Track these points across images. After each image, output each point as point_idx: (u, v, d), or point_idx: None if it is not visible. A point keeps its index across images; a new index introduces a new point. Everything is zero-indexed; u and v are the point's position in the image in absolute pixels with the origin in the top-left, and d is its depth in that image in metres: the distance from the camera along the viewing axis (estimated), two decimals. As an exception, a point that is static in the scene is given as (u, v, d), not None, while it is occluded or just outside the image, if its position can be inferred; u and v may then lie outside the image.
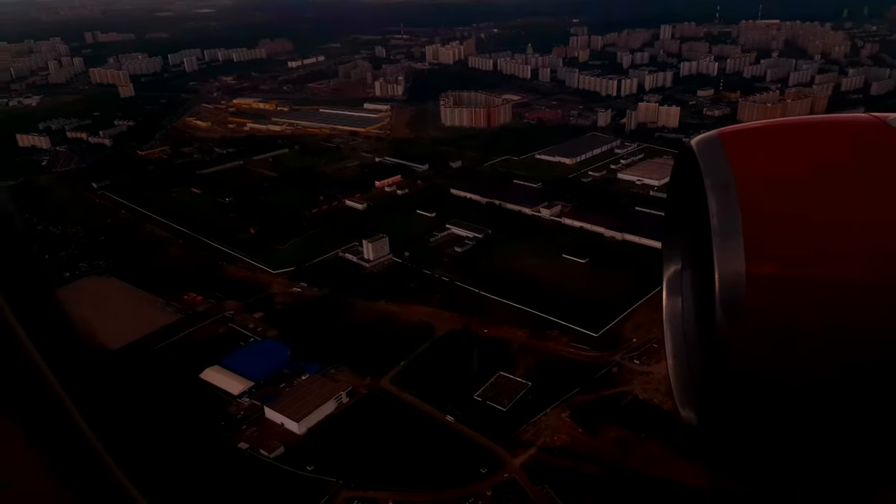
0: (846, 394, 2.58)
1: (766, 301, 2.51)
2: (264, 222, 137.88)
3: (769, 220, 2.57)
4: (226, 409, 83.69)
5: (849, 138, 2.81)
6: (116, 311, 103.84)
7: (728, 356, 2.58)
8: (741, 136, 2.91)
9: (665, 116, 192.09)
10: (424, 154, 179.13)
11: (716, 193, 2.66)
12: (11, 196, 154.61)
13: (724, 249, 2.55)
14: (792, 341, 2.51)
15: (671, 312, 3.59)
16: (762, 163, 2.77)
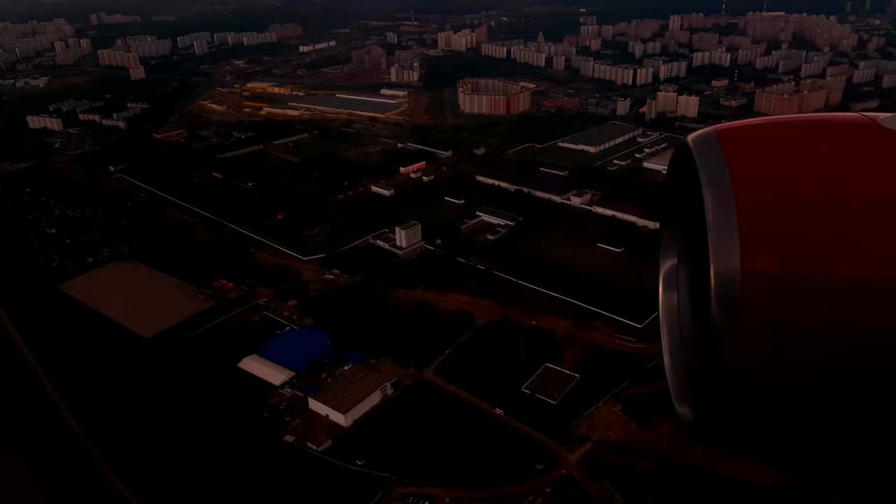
0: (840, 388, 2.57)
1: (761, 297, 2.52)
2: (290, 208, 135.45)
3: (764, 217, 2.61)
4: (268, 400, 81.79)
5: (842, 137, 2.86)
6: (147, 297, 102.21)
7: (723, 351, 2.57)
8: (737, 133, 2.95)
9: (684, 106, 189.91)
10: (446, 140, 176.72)
11: (712, 189, 2.68)
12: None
13: (720, 245, 2.58)
14: (786, 337, 2.52)
15: (667, 308, 3.62)
16: (758, 160, 2.79)
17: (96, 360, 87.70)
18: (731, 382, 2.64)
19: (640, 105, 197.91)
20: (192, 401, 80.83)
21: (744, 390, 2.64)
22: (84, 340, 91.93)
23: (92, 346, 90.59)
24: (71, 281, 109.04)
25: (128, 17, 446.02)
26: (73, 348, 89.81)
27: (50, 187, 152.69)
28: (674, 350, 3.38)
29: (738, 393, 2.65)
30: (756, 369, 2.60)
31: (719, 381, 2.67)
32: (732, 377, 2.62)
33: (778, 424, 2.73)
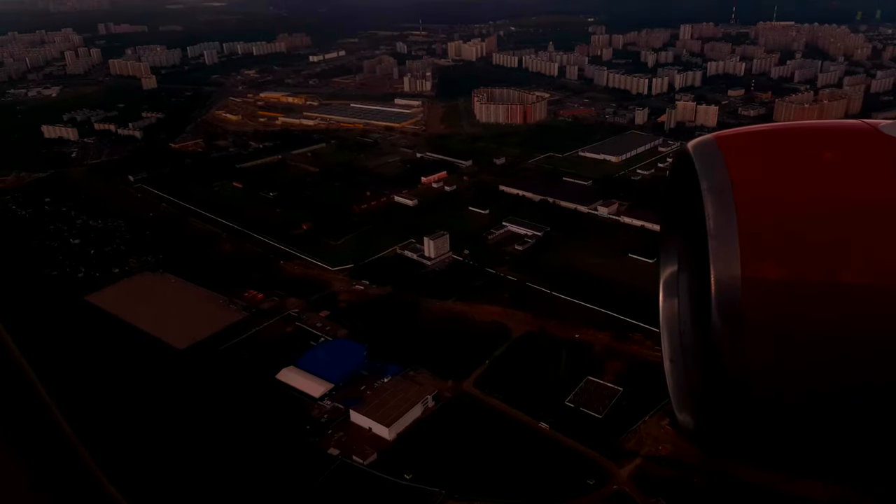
0: (842, 396, 2.59)
1: (762, 303, 2.51)
2: (314, 218, 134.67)
3: (765, 224, 2.61)
4: (308, 413, 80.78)
5: (843, 144, 2.86)
6: (178, 308, 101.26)
7: (724, 359, 2.58)
8: (737, 140, 2.97)
9: (703, 115, 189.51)
10: (464, 150, 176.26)
11: (712, 196, 2.69)
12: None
13: (720, 252, 2.57)
14: (788, 344, 2.53)
15: (668, 315, 3.66)
16: (758, 167, 2.80)
17: (131, 371, 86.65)
18: (732, 390, 2.63)
19: (657, 114, 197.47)
20: (231, 413, 79.80)
21: (744, 398, 2.64)
22: (116, 352, 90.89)
23: (125, 358, 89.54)
24: (99, 292, 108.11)
25: (135, 27, 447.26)
26: (105, 360, 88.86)
27: (70, 197, 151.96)
28: (674, 357, 3.42)
29: (739, 400, 2.65)
30: (757, 376, 2.59)
31: (720, 389, 2.67)
32: (733, 384, 2.62)
33: (779, 432, 2.73)
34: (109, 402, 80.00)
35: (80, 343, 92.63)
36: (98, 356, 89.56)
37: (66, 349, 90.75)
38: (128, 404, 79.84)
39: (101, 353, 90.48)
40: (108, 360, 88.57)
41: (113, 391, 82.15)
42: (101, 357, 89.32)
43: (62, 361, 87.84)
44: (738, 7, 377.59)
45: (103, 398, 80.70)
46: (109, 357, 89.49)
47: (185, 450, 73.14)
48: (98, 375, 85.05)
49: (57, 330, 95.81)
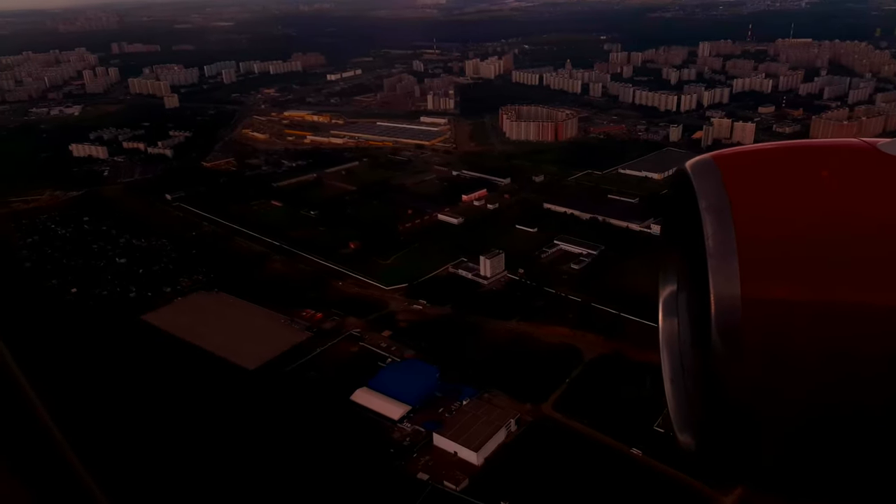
0: (844, 417, 2.60)
1: (762, 323, 2.51)
2: (359, 237, 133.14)
3: (764, 243, 2.60)
4: (388, 435, 78.74)
5: (841, 163, 2.87)
6: (241, 328, 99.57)
7: (724, 380, 2.58)
8: (735, 159, 2.96)
9: (740, 133, 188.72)
10: (500, 168, 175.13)
11: (711, 215, 2.69)
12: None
13: (720, 272, 2.57)
14: (788, 365, 2.53)
15: (668, 335, 3.62)
16: (756, 186, 2.80)
17: (202, 393, 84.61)
18: (733, 411, 2.62)
19: (690, 132, 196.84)
20: (310, 434, 77.74)
21: (745, 419, 2.63)
22: (184, 373, 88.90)
23: (194, 379, 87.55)
24: (155, 312, 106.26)
25: (148, 46, 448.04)
26: (174, 381, 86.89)
27: (108, 216, 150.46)
28: (674, 377, 3.39)
29: (740, 421, 2.64)
30: (758, 397, 2.58)
31: (720, 410, 2.66)
32: (733, 405, 2.61)
33: (781, 453, 2.72)
34: (186, 425, 77.99)
35: (145, 364, 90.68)
36: (166, 377, 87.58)
37: (133, 371, 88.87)
38: (205, 428, 77.80)
39: (169, 374, 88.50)
40: (177, 382, 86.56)
41: (188, 414, 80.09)
42: (170, 378, 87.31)
43: (130, 384, 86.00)
44: (753, 25, 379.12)
45: (179, 421, 78.71)
46: (178, 378, 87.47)
47: (271, 472, 71.07)
48: (170, 398, 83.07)
49: (120, 351, 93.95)
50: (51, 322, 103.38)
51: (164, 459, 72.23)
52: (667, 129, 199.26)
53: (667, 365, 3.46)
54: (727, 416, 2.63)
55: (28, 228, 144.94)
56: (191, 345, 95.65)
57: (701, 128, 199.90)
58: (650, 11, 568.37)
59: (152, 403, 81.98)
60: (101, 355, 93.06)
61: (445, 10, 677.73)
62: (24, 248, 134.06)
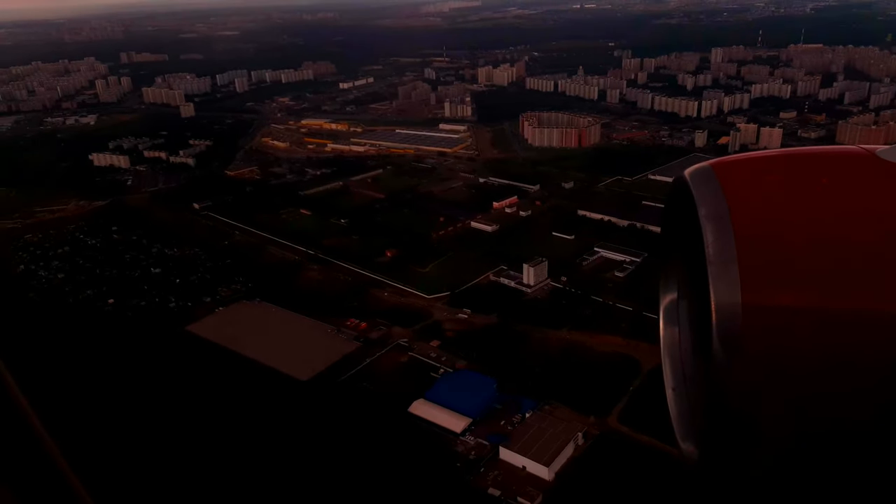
0: (846, 424, 2.56)
1: (763, 331, 2.51)
2: (393, 245, 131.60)
3: (764, 250, 2.60)
4: (452, 448, 77.01)
5: (840, 170, 2.88)
6: (288, 338, 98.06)
7: (726, 387, 2.57)
8: (733, 167, 2.96)
9: (767, 138, 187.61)
10: (526, 174, 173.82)
11: (710, 223, 2.69)
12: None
13: (720, 279, 2.56)
14: (789, 372, 2.51)
15: (669, 343, 3.62)
16: (755, 193, 2.81)
17: (257, 405, 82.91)
18: (734, 419, 2.61)
19: (716, 137, 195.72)
20: (373, 447, 75.98)
21: (747, 427, 2.61)
22: (236, 384, 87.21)
23: (247, 391, 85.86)
24: (199, 322, 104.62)
25: (156, 55, 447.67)
26: (227, 393, 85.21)
27: (138, 225, 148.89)
28: (676, 386, 3.41)
29: (742, 430, 2.62)
30: (759, 405, 2.58)
31: (722, 418, 2.64)
32: (735, 414, 2.59)
33: (783, 463, 2.69)
34: (245, 438, 76.31)
35: (195, 375, 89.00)
36: (218, 389, 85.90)
37: (184, 382, 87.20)
38: (264, 440, 76.10)
39: (221, 385, 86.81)
40: (230, 394, 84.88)
41: (245, 427, 78.41)
42: (222, 390, 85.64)
43: (183, 395, 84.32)
44: (762, 31, 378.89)
45: (237, 434, 77.03)
46: (230, 390, 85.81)
47: (337, 485, 69.35)
48: (225, 410, 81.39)
49: (168, 362, 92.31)
50: (91, 334, 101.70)
51: (225, 471, 70.55)
52: (691, 135, 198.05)
53: (669, 373, 3.47)
54: (729, 424, 2.61)
55: (56, 239, 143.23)
56: (239, 355, 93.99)
57: (726, 133, 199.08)
58: (654, 18, 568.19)
59: (207, 415, 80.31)
60: (150, 367, 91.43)
61: (449, 18, 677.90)
62: (55, 259, 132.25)
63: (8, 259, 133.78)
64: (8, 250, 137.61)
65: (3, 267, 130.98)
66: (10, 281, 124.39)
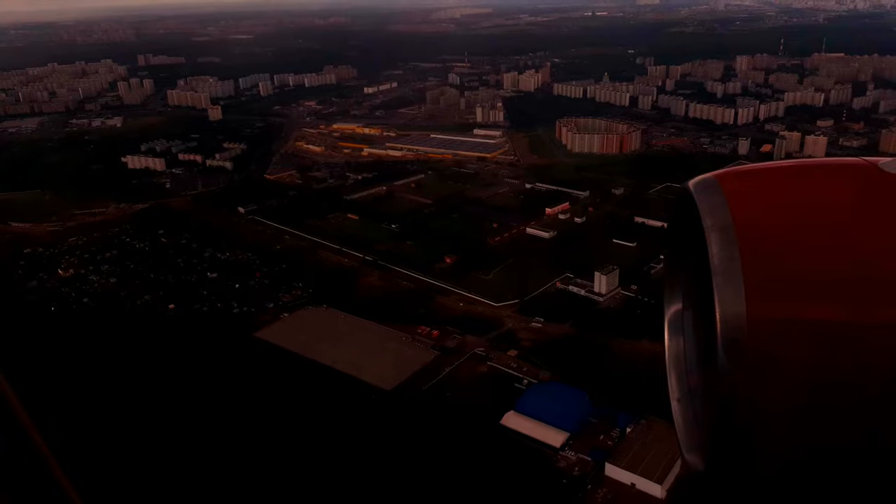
0: (851, 437, 2.55)
1: (768, 342, 2.51)
2: (449, 251, 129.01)
3: (769, 261, 2.61)
4: (553, 464, 74.17)
5: (843, 182, 2.89)
6: (364, 346, 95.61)
7: (731, 398, 2.56)
8: (737, 178, 2.97)
9: (812, 146, 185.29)
10: (571, 180, 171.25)
11: (715, 234, 2.70)
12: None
13: (725, 290, 2.57)
14: (795, 383, 2.52)
15: (674, 354, 3.64)
16: (759, 205, 2.82)
17: (343, 416, 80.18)
18: (739, 431, 2.61)
19: (758, 145, 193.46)
20: (471, 461, 73.18)
21: (752, 439, 2.61)
22: (318, 394, 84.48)
23: (331, 401, 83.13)
24: (268, 328, 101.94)
25: (172, 58, 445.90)
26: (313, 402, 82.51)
27: (184, 229, 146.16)
28: (681, 397, 3.42)
29: (747, 442, 2.62)
30: (765, 418, 2.58)
31: (727, 430, 2.65)
32: (740, 425, 2.60)
33: (790, 476, 2.70)
34: (338, 451, 73.60)
35: (273, 383, 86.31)
36: (299, 397, 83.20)
37: (263, 391, 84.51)
38: (359, 454, 73.35)
39: (301, 394, 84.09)
40: (313, 403, 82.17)
41: (335, 439, 75.68)
42: (304, 399, 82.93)
43: (264, 404, 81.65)
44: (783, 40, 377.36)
45: (330, 445, 74.32)
46: (313, 399, 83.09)
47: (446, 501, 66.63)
48: (310, 420, 78.68)
49: (243, 370, 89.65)
50: (159, 340, 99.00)
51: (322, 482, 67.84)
52: (733, 142, 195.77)
53: (674, 385, 3.50)
54: (734, 436, 2.61)
55: (101, 242, 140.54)
56: (316, 363, 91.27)
57: (766, 141, 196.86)
58: (668, 26, 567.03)
59: (295, 425, 77.62)
60: (227, 375, 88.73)
61: (462, 24, 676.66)
62: (104, 263, 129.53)
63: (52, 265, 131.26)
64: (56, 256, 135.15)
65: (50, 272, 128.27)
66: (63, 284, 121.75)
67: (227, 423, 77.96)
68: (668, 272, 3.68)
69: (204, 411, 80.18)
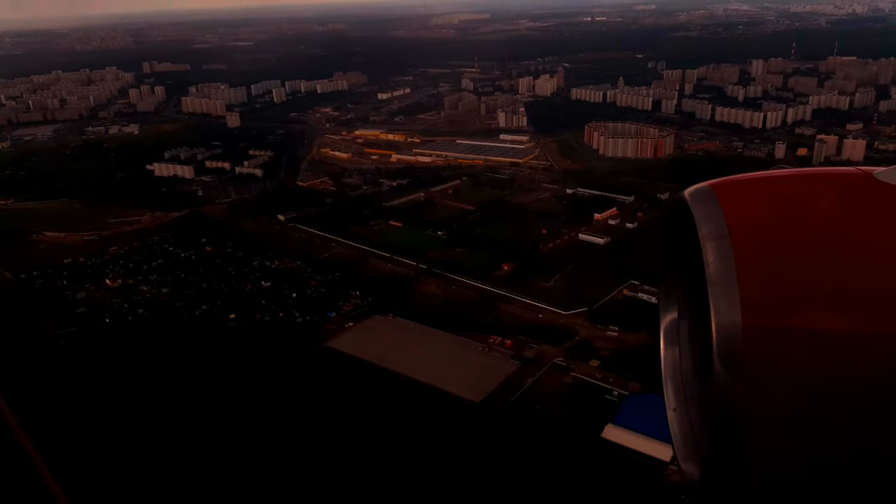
0: (845, 445, 2.53)
1: (763, 351, 2.50)
2: (504, 258, 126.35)
3: (764, 271, 2.61)
4: (664, 479, 71.41)
5: (838, 190, 2.88)
6: (442, 356, 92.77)
7: (727, 407, 2.55)
8: (732, 187, 2.99)
9: (850, 150, 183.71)
10: (611, 185, 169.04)
11: (710, 243, 2.70)
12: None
13: (721, 299, 2.57)
14: (790, 392, 2.50)
15: (669, 363, 3.65)
16: (754, 214, 2.82)
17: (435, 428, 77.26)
18: (735, 440, 2.58)
19: (793, 149, 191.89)
20: (580, 475, 70.44)
21: (747, 448, 2.59)
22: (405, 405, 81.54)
23: (419, 412, 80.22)
24: (338, 338, 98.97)
25: (177, 65, 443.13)
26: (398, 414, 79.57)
27: (225, 237, 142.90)
28: (678, 407, 3.39)
29: (742, 451, 2.60)
30: (759, 426, 2.55)
31: (723, 439, 2.62)
32: (736, 434, 2.57)
33: (785, 484, 2.68)
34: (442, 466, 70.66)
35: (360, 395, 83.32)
36: (388, 409, 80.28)
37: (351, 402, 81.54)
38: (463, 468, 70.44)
39: (389, 405, 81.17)
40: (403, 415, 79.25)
41: (437, 454, 72.75)
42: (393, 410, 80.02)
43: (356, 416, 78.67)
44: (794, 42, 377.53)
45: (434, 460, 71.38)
46: (401, 411, 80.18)
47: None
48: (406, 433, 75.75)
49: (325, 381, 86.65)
50: (231, 351, 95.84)
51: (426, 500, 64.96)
52: (768, 146, 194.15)
53: (670, 394, 3.49)
54: (730, 445, 2.60)
55: (144, 251, 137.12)
56: (395, 373, 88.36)
57: (802, 145, 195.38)
58: (670, 30, 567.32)
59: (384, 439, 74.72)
60: (303, 386, 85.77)
61: (461, 30, 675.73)
62: (151, 273, 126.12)
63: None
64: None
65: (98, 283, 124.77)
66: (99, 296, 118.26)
67: (316, 436, 74.99)
68: (663, 281, 3.66)
69: (289, 423, 77.22)
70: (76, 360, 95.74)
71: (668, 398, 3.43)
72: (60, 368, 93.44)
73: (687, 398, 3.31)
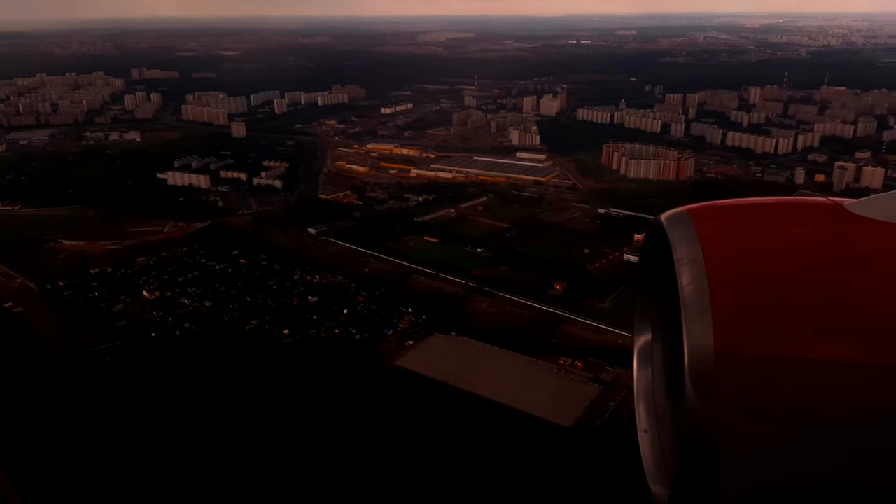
0: (817, 470, 2.57)
1: (735, 375, 2.54)
2: (556, 277, 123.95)
3: (737, 296, 2.67)
4: None
5: (810, 220, 2.96)
6: (519, 378, 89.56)
7: (697, 430, 2.58)
8: (708, 213, 3.07)
9: (869, 177, 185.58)
10: (641, 205, 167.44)
11: (685, 267, 2.76)
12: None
13: (694, 323, 2.61)
14: (761, 416, 2.54)
15: (642, 385, 3.65)
16: (728, 240, 2.89)
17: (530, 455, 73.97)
18: (705, 463, 2.61)
19: (811, 175, 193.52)
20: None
21: (717, 471, 2.62)
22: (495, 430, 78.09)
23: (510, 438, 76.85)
24: (405, 356, 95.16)
25: (166, 72, 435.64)
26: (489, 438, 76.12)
27: (255, 249, 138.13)
28: (649, 428, 3.42)
29: (712, 474, 2.63)
30: (729, 450, 2.58)
31: (693, 462, 2.66)
32: (706, 457, 2.60)
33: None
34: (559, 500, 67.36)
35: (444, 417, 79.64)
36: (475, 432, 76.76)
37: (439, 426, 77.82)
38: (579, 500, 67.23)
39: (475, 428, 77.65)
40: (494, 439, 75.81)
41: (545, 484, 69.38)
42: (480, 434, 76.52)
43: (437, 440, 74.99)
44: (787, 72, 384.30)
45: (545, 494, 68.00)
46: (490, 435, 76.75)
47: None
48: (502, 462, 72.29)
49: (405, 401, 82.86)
50: (292, 368, 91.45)
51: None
52: (786, 172, 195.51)
53: (642, 415, 3.51)
54: (699, 468, 2.63)
55: (175, 262, 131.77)
56: (471, 394, 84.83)
57: (818, 171, 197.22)
58: (655, 56, 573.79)
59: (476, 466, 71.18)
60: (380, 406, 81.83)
61: (449, 47, 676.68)
62: (188, 285, 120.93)
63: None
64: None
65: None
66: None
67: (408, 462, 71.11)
68: (638, 303, 3.77)
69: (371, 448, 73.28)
70: (125, 378, 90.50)
71: (639, 419, 3.41)
72: (110, 387, 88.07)
73: (658, 420, 3.31)
